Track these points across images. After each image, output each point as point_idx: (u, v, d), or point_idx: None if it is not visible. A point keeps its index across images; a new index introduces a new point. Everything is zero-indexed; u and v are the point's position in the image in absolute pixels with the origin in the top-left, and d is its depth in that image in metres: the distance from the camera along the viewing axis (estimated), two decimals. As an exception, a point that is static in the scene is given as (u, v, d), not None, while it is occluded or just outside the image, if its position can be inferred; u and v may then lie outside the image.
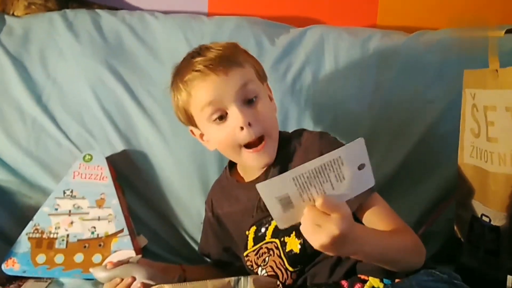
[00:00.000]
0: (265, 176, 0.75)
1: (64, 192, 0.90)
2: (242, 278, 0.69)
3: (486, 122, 0.77)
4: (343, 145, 0.77)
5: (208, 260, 0.88)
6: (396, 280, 0.64)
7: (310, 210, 0.52)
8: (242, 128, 0.70)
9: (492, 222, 0.77)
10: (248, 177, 0.80)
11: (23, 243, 0.86)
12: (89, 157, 0.92)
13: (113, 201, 0.89)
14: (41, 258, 0.86)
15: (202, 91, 0.71)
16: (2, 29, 1.03)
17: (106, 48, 1.03)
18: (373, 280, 0.65)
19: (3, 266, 0.85)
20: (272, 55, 1.02)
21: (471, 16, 1.14)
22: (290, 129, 0.89)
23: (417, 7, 1.16)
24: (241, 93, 0.71)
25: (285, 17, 1.14)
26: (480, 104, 0.79)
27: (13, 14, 1.07)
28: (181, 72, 0.76)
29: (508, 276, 0.72)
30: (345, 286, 0.66)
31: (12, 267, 0.85)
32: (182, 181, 0.97)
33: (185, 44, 1.04)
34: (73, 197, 0.89)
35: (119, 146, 0.98)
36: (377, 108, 1.00)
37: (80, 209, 0.89)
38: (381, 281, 0.65)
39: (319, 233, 0.51)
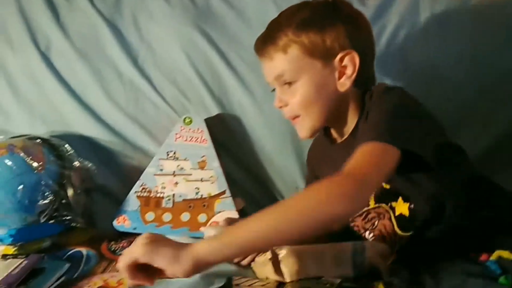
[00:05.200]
0: (352, 136, 0.74)
1: (168, 154, 0.92)
2: (361, 243, 0.69)
3: None
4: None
5: None
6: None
7: None
8: None
9: None
10: (338, 137, 0.80)
11: (132, 202, 0.90)
12: (189, 120, 0.94)
13: (214, 163, 0.91)
14: (150, 216, 0.90)
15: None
16: (95, -7, 1.04)
17: (196, 12, 1.02)
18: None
19: (115, 223, 0.90)
20: (364, 16, 0.99)
21: None
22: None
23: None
24: (281, 79, 0.74)
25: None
26: None
27: (106, -22, 1.08)
28: None
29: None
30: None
31: (123, 224, 0.90)
32: (275, 144, 0.98)
33: (273, 7, 1.01)
34: (176, 158, 0.92)
35: (214, 110, 0.99)
36: (476, 75, 0.95)
37: (184, 170, 0.91)
38: None
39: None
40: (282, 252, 0.67)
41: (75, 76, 1.00)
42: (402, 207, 0.71)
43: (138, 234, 0.87)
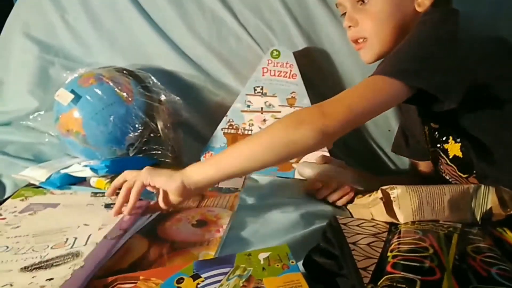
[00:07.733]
0: None
1: (255, 89, 0.87)
2: (483, 186, 0.63)
3: None
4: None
5: None
6: None
7: None
8: None
9: None
10: None
11: (219, 138, 0.87)
12: (277, 53, 0.87)
13: (305, 100, 0.85)
14: (237, 153, 0.86)
15: None
16: None
17: None
18: None
19: (202, 159, 0.87)
20: None
21: None
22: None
23: None
24: None
25: None
26: None
27: None
28: None
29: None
30: None
31: (210, 160, 0.87)
32: (366, 82, 0.91)
33: None
34: (264, 94, 0.86)
35: (300, 43, 0.92)
36: None
37: (272, 107, 0.86)
38: None
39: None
40: (395, 192, 0.62)
41: (155, 7, 0.95)
42: (454, 148, 0.67)
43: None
